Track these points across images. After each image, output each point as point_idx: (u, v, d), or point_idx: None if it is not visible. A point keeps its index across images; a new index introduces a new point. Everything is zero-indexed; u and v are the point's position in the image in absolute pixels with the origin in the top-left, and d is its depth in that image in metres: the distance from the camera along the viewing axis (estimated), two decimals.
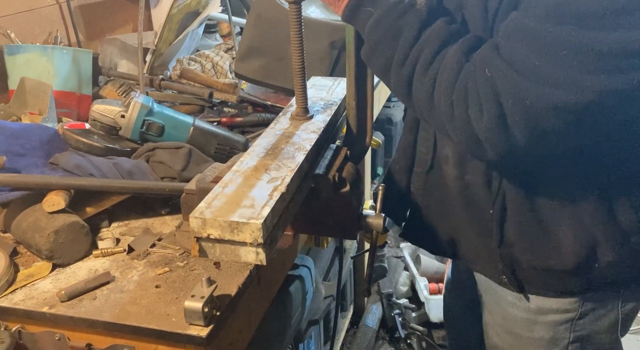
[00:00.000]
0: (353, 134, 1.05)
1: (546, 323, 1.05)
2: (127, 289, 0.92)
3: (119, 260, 1.00)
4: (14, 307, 0.89)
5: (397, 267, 2.70)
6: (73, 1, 1.69)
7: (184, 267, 0.97)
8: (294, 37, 0.92)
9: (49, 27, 1.62)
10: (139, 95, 1.19)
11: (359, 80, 1.00)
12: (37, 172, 1.07)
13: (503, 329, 1.13)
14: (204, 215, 0.71)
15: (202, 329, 0.82)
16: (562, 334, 1.06)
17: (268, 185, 0.77)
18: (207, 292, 0.83)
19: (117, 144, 1.18)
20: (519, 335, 1.09)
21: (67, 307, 0.88)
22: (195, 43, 1.98)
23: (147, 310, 0.87)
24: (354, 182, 0.94)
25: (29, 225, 0.99)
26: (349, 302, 2.25)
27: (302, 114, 1.00)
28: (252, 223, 0.68)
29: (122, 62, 1.77)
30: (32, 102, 1.37)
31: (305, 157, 0.86)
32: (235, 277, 0.93)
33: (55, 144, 1.18)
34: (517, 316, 1.07)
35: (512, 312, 1.08)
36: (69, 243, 0.98)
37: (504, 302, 1.09)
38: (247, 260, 0.72)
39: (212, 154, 1.22)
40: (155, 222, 1.12)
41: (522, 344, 1.10)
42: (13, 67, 1.46)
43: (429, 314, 2.37)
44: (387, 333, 2.37)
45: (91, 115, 1.19)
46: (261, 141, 0.93)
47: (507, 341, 1.13)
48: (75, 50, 1.54)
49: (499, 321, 1.13)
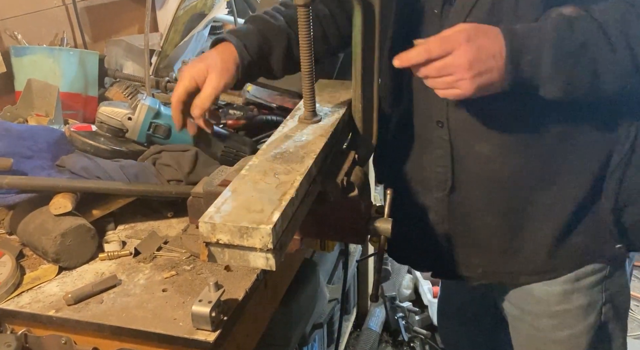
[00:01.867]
0: (359, 135, 1.05)
1: (583, 288, 1.07)
2: (134, 293, 0.92)
3: (125, 264, 1.00)
4: (20, 310, 0.89)
5: (400, 270, 2.69)
6: (79, 3, 1.69)
7: (190, 271, 0.97)
8: (303, 40, 0.92)
9: (55, 28, 1.62)
10: (146, 97, 1.19)
11: (365, 82, 0.99)
12: (44, 174, 1.07)
13: (537, 315, 1.12)
14: (213, 220, 0.70)
15: (209, 334, 0.82)
16: (596, 296, 1.08)
17: (277, 190, 0.77)
18: (214, 297, 0.82)
19: (123, 147, 1.18)
20: (556, 313, 1.09)
21: (74, 311, 0.88)
22: (201, 45, 1.98)
23: (153, 314, 0.87)
24: (362, 187, 0.93)
25: (35, 228, 0.99)
26: (352, 305, 2.24)
27: (310, 117, 1.00)
28: (262, 228, 0.68)
29: (128, 63, 1.77)
30: (38, 104, 1.36)
31: (314, 161, 0.86)
32: (242, 281, 0.93)
33: (61, 146, 1.17)
34: (554, 291, 1.08)
35: (546, 291, 1.08)
36: (75, 246, 0.98)
37: (536, 287, 1.09)
38: (257, 265, 0.71)
39: (218, 157, 1.21)
40: (162, 225, 1.12)
41: (561, 321, 1.10)
42: (20, 68, 1.46)
43: (432, 317, 2.36)
44: (391, 336, 2.37)
45: (98, 117, 1.19)
46: (269, 144, 0.92)
47: (544, 326, 1.12)
48: (82, 52, 1.54)
49: (533, 308, 1.12)
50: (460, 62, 0.82)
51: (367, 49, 0.96)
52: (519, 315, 1.17)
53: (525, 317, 1.16)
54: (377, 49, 0.96)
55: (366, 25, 0.93)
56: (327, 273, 1.85)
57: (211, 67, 0.99)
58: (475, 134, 0.99)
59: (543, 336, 1.14)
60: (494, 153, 0.99)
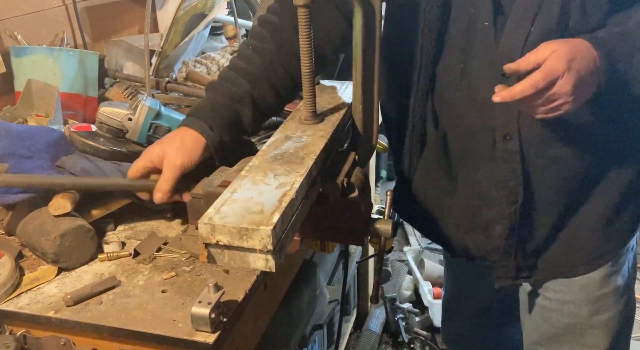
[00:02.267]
0: (360, 136, 1.04)
1: (619, 269, 1.10)
2: (133, 294, 0.91)
3: (125, 265, 0.99)
4: (19, 311, 0.89)
5: (400, 271, 2.69)
6: (79, 3, 1.69)
7: (190, 272, 0.97)
8: (303, 41, 0.92)
9: (55, 28, 1.62)
10: (147, 98, 1.19)
11: (365, 83, 0.99)
12: (44, 174, 1.06)
13: (579, 304, 1.12)
14: (213, 221, 0.70)
15: (208, 336, 0.81)
16: (626, 272, 1.11)
17: (277, 191, 0.76)
18: (214, 298, 0.82)
19: (123, 147, 1.18)
20: (597, 297, 1.10)
21: (73, 312, 0.88)
22: (201, 45, 1.98)
23: (153, 315, 0.86)
24: (362, 188, 0.93)
25: (34, 229, 0.99)
26: (352, 306, 2.24)
27: (310, 118, 1.00)
28: (262, 229, 0.68)
29: (128, 64, 1.76)
30: (38, 104, 1.36)
31: (314, 162, 0.86)
32: (242, 282, 0.93)
33: (61, 146, 1.17)
34: (595, 277, 1.09)
35: (588, 278, 1.09)
36: (74, 247, 0.98)
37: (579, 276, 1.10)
38: (256, 266, 0.71)
39: None
40: (161, 225, 1.11)
41: (601, 306, 1.11)
42: (19, 68, 1.46)
43: (433, 318, 2.36)
44: (391, 337, 2.37)
45: (98, 117, 1.18)
46: (269, 145, 0.92)
47: (585, 313, 1.13)
48: (82, 52, 1.54)
49: (576, 297, 1.12)
50: (564, 90, 0.84)
51: (367, 50, 0.95)
52: (556, 306, 1.15)
53: (564, 307, 1.15)
54: (377, 50, 0.96)
55: (366, 26, 0.93)
56: (327, 274, 1.84)
57: (167, 151, 0.98)
58: (548, 139, 0.99)
59: (581, 323, 1.14)
60: (566, 154, 1.00)
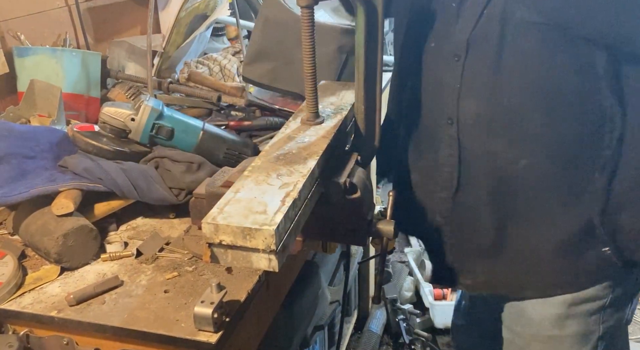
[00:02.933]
0: (362, 136, 1.05)
1: (578, 315, 1.03)
2: (136, 294, 0.92)
3: (127, 265, 1.00)
4: (22, 311, 0.89)
5: (401, 272, 2.69)
6: (82, 4, 1.69)
7: (192, 272, 0.97)
8: (306, 41, 0.92)
9: (58, 29, 1.62)
10: (149, 98, 1.19)
11: (368, 84, 0.99)
12: (47, 174, 1.07)
13: (527, 339, 1.08)
14: (216, 221, 0.70)
15: (211, 335, 0.82)
16: (592, 326, 1.04)
17: (280, 191, 0.77)
18: (216, 298, 0.82)
19: (126, 147, 1.18)
20: (547, 338, 1.06)
21: (76, 312, 0.88)
22: (203, 46, 1.98)
23: (155, 315, 0.87)
24: (364, 188, 0.93)
25: (37, 228, 0.99)
26: (353, 307, 2.24)
27: (312, 118, 1.00)
28: (265, 229, 0.68)
29: (130, 64, 1.77)
30: (41, 105, 1.36)
31: (317, 162, 0.86)
32: (244, 282, 0.93)
33: (64, 146, 1.17)
34: (548, 314, 1.04)
35: (539, 313, 1.05)
36: (77, 246, 0.98)
37: (530, 306, 1.06)
38: (259, 266, 0.71)
39: (220, 159, 1.21)
40: (164, 225, 1.12)
41: (551, 348, 1.07)
42: (22, 69, 1.46)
43: (434, 319, 2.36)
44: (391, 339, 2.37)
45: (101, 117, 1.19)
46: (271, 146, 0.92)
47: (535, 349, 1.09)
48: (84, 53, 1.54)
49: (524, 331, 1.09)
50: None
51: (369, 50, 0.96)
52: (510, 337, 1.13)
53: (515, 339, 1.12)
54: (380, 51, 0.96)
55: (369, 27, 0.93)
56: (329, 275, 1.84)
57: None
58: (486, 130, 0.97)
59: None
60: (504, 150, 0.97)
